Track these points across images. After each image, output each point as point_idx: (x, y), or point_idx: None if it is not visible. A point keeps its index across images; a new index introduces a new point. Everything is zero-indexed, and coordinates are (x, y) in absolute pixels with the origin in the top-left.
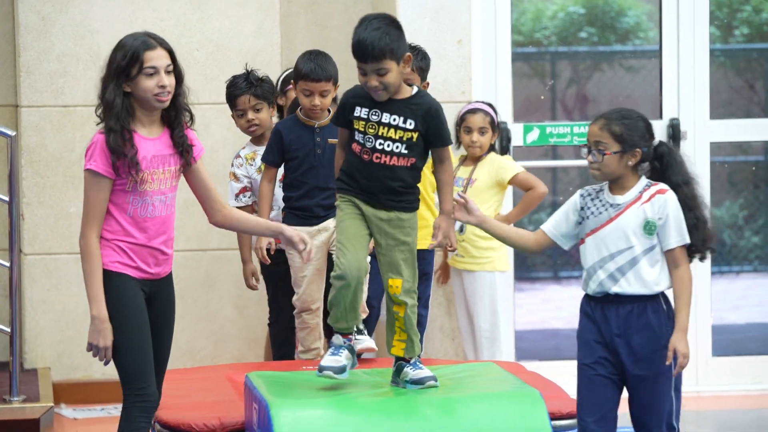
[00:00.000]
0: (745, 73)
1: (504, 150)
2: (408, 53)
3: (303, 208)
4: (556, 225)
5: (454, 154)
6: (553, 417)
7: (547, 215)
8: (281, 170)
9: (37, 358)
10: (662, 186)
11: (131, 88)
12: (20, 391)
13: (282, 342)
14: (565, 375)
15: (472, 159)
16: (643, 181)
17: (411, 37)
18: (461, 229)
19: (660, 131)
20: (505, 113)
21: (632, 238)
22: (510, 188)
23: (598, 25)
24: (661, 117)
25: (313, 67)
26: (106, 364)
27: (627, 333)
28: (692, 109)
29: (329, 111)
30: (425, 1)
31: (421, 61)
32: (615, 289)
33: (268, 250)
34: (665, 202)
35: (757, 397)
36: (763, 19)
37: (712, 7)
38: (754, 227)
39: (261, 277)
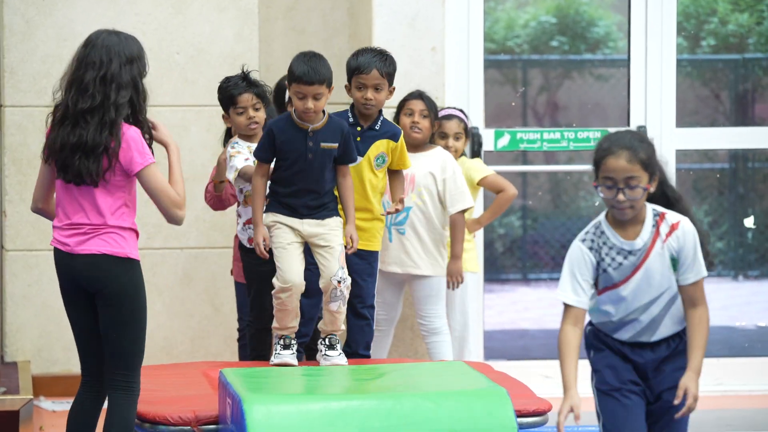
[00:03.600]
0: (711, 83)
1: (475, 154)
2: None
3: (289, 205)
4: (582, 293)
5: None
6: (519, 414)
7: (518, 219)
8: None
9: (18, 351)
10: (675, 217)
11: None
12: (0, 383)
13: (259, 342)
14: (532, 374)
15: None
16: (649, 211)
17: (386, 44)
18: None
19: None
20: (477, 119)
21: (664, 282)
22: (481, 194)
23: (569, 34)
24: (628, 124)
25: (307, 70)
26: None
27: (661, 364)
28: (659, 117)
29: (323, 113)
30: (401, 9)
31: (388, 66)
32: (654, 338)
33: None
34: (684, 235)
35: (718, 398)
36: (729, 30)
37: (680, 19)
38: (718, 233)
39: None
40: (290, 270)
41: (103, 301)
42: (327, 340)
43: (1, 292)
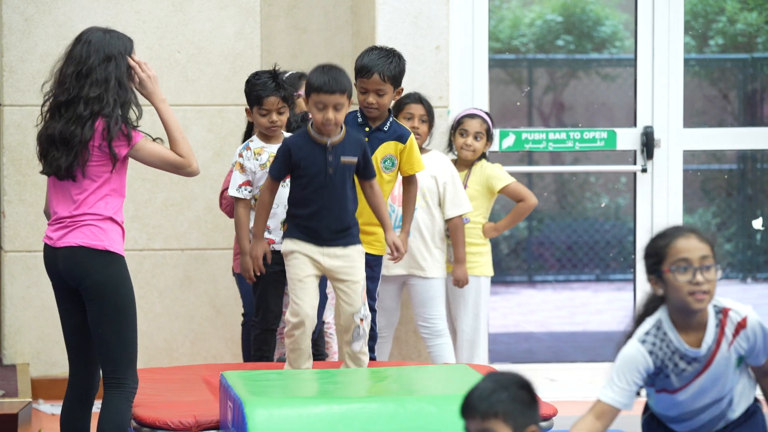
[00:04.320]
0: (719, 83)
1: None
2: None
3: (310, 229)
4: (621, 394)
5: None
6: None
7: (523, 220)
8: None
9: (16, 354)
10: (739, 311)
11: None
12: None
13: (262, 343)
14: (537, 378)
15: (465, 164)
16: (711, 310)
17: (389, 42)
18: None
19: (634, 139)
20: None
21: (727, 384)
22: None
23: (576, 33)
24: (635, 125)
25: (327, 80)
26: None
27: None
28: (666, 118)
29: (341, 127)
30: (404, 7)
31: (393, 69)
32: (716, 429)
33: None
34: (753, 332)
35: None
36: (738, 29)
37: (688, 17)
38: (727, 234)
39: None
40: (304, 304)
41: (86, 295)
42: None
43: (0, 294)
